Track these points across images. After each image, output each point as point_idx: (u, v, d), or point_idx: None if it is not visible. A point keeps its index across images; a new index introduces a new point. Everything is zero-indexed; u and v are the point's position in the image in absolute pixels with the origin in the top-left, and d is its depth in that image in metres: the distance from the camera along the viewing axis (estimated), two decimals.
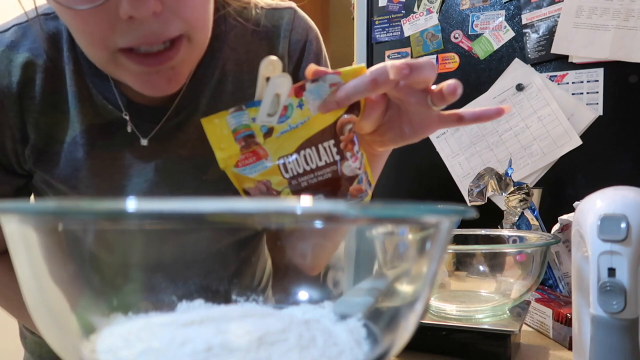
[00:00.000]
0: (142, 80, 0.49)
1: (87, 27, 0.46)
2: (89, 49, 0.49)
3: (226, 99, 0.61)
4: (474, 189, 1.10)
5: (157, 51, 0.47)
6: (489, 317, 0.69)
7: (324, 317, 0.33)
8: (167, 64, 0.48)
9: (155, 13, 0.44)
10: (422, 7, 1.46)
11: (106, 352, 0.27)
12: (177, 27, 0.47)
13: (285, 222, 0.29)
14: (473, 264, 0.74)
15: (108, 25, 0.45)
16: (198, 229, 0.30)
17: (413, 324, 0.30)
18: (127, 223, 0.27)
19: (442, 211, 0.27)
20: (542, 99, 1.31)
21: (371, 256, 0.34)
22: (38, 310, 0.28)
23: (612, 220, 0.45)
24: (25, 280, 0.28)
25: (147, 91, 0.50)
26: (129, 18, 0.44)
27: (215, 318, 0.30)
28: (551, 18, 1.29)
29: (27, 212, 0.26)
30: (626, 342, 0.44)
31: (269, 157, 0.47)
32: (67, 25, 0.50)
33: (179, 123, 0.59)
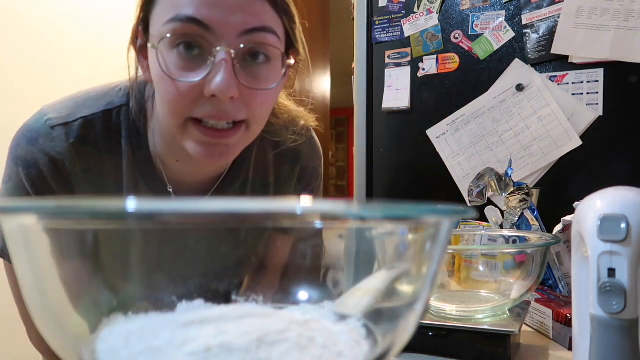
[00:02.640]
0: (202, 148, 0.58)
1: (175, 97, 0.56)
2: (167, 114, 0.58)
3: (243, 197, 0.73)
4: (474, 189, 1.10)
5: (221, 128, 0.57)
6: (489, 317, 0.69)
7: (323, 317, 0.33)
8: (225, 140, 0.58)
9: (232, 98, 0.55)
10: (422, 7, 1.46)
11: (106, 352, 0.27)
12: (243, 114, 0.58)
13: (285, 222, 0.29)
14: (473, 264, 0.74)
15: (192, 98, 0.55)
16: (198, 229, 0.30)
17: (413, 324, 0.30)
18: (127, 223, 0.27)
19: (442, 211, 0.27)
20: (542, 99, 1.31)
21: (371, 256, 0.34)
22: (38, 311, 0.28)
23: (612, 220, 0.45)
24: (26, 280, 0.28)
25: (202, 158, 0.59)
26: (211, 96, 0.55)
27: (215, 318, 0.30)
28: (551, 18, 1.29)
29: (27, 212, 0.26)
30: (626, 342, 0.44)
31: None
32: (159, 94, 0.59)
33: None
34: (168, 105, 0.57)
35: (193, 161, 0.65)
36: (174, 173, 0.69)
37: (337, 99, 3.67)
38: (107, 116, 0.66)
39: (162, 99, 0.58)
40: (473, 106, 1.39)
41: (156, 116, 0.66)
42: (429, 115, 1.45)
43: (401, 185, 1.51)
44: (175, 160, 0.68)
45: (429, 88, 1.46)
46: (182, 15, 0.53)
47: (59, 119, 0.64)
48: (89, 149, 0.64)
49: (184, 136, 0.59)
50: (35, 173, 0.62)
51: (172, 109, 0.57)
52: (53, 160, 0.63)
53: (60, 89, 1.89)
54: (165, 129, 0.65)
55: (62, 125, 0.64)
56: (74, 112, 0.65)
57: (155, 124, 0.67)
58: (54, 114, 0.64)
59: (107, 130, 0.65)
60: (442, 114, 1.44)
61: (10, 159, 0.64)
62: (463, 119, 1.41)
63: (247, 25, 0.55)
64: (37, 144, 0.63)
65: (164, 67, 0.55)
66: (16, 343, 1.49)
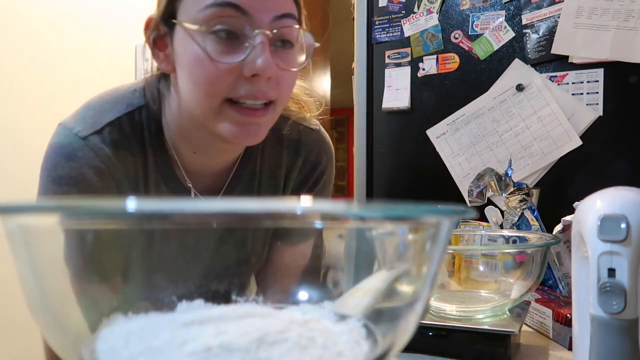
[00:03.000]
0: (237, 128, 0.61)
1: (217, 79, 0.58)
2: (203, 97, 0.59)
3: (254, 194, 0.75)
4: (474, 189, 1.10)
5: (255, 108, 0.60)
6: (489, 317, 0.69)
7: (323, 317, 0.33)
8: (258, 119, 0.61)
9: (269, 78, 0.59)
10: (422, 7, 1.46)
11: (106, 352, 0.27)
12: (274, 94, 0.61)
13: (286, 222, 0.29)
14: (473, 264, 0.74)
15: (233, 78, 0.58)
16: (198, 229, 0.30)
17: (413, 324, 0.30)
18: (127, 223, 0.27)
19: (442, 211, 0.27)
20: (542, 99, 1.31)
21: (371, 256, 0.34)
22: (38, 310, 0.28)
23: (612, 220, 0.45)
24: (26, 280, 0.28)
25: (237, 138, 0.62)
26: (251, 76, 0.58)
27: (215, 318, 0.30)
28: (551, 18, 1.29)
29: (27, 212, 0.26)
30: (626, 342, 0.44)
31: None
32: (191, 78, 0.59)
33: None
34: (206, 87, 0.59)
35: (210, 151, 0.68)
36: (190, 166, 0.70)
37: (337, 99, 3.66)
38: (131, 117, 0.66)
39: (199, 82, 0.59)
40: (473, 106, 1.39)
41: (174, 107, 0.66)
42: (429, 115, 1.45)
43: (401, 185, 1.51)
44: (192, 152, 0.68)
45: (429, 88, 1.46)
46: (221, 0, 0.56)
47: (88, 129, 0.63)
48: (123, 153, 0.64)
49: (218, 118, 0.60)
50: (83, 188, 0.61)
51: (210, 90, 0.59)
52: (98, 170, 0.62)
53: (60, 89, 1.89)
54: (186, 117, 0.65)
55: (94, 134, 0.63)
56: (99, 120, 0.64)
57: (170, 118, 0.67)
58: (79, 125, 0.64)
59: (134, 132, 0.65)
60: (442, 114, 1.44)
61: (50, 181, 0.62)
62: (463, 119, 1.41)
63: (279, 11, 0.58)
64: (77, 157, 0.62)
65: (204, 50, 0.57)
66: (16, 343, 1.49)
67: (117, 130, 0.64)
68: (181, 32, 0.59)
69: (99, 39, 1.82)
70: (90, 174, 0.62)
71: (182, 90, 0.62)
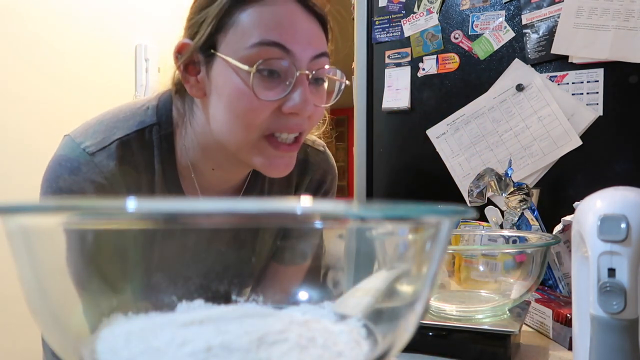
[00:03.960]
0: (271, 161, 0.64)
1: (256, 113, 0.60)
2: (243, 131, 0.62)
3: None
4: (474, 189, 1.10)
5: (288, 142, 0.64)
6: (489, 317, 0.69)
7: (323, 317, 0.33)
8: (291, 153, 0.65)
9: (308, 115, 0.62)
10: (422, 7, 1.46)
11: (106, 352, 0.27)
12: (306, 127, 0.65)
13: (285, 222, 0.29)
14: (473, 264, 0.74)
15: (272, 114, 0.61)
16: (198, 229, 0.30)
17: (413, 324, 0.30)
18: (127, 223, 0.27)
19: (442, 211, 0.27)
20: (542, 99, 1.31)
21: (371, 256, 0.34)
22: (38, 310, 0.28)
23: (612, 220, 0.45)
24: (26, 280, 0.28)
25: (271, 172, 0.65)
26: (290, 113, 0.61)
27: (215, 318, 0.30)
28: (551, 18, 1.29)
29: (27, 212, 0.26)
30: (626, 342, 0.44)
31: None
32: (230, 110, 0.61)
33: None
34: (246, 120, 0.61)
35: (230, 168, 0.70)
36: (205, 182, 0.71)
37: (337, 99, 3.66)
38: (141, 135, 0.66)
39: (239, 115, 0.61)
40: (473, 106, 1.39)
41: (199, 126, 0.67)
42: (429, 115, 1.45)
43: (401, 185, 1.51)
44: (212, 169, 0.70)
45: (429, 88, 1.46)
46: (268, 40, 0.59)
47: (96, 145, 0.64)
48: (128, 170, 0.65)
49: (253, 151, 0.63)
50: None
51: (249, 124, 0.61)
52: (100, 186, 0.63)
53: (60, 89, 1.89)
54: (212, 139, 0.66)
55: (101, 150, 0.64)
56: (108, 136, 0.65)
57: (192, 136, 0.68)
58: (88, 140, 0.64)
59: (142, 150, 0.66)
60: (442, 114, 1.44)
61: (50, 192, 0.63)
62: (463, 119, 1.41)
63: (316, 51, 0.62)
64: (81, 172, 0.62)
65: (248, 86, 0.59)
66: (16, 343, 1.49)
67: (125, 147, 0.65)
68: (222, 64, 0.61)
69: (99, 39, 1.82)
70: (90, 190, 0.62)
71: (216, 118, 0.64)
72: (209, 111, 0.64)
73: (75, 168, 0.62)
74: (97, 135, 0.65)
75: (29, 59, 1.66)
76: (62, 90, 1.69)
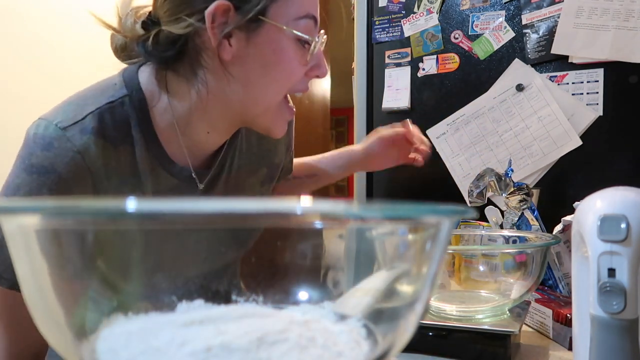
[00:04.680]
0: (283, 122, 0.73)
1: (294, 77, 0.69)
2: (276, 91, 0.69)
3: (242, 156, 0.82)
4: (474, 189, 1.10)
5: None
6: (489, 317, 0.69)
7: (323, 317, 0.33)
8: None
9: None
10: (422, 8, 1.46)
11: (106, 352, 0.27)
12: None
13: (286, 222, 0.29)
14: (473, 264, 0.74)
15: (298, 79, 0.69)
16: (198, 229, 0.30)
17: (413, 324, 0.30)
18: (127, 223, 0.27)
19: (442, 211, 0.27)
20: (542, 99, 1.31)
21: (371, 256, 0.34)
22: (38, 310, 0.28)
23: (612, 220, 0.45)
24: (25, 280, 0.28)
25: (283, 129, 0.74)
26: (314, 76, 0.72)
27: (215, 318, 0.30)
28: (551, 18, 1.29)
29: (27, 212, 0.26)
30: (626, 342, 0.44)
31: None
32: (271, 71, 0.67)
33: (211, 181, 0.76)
34: (283, 82, 0.68)
35: (224, 130, 0.74)
36: (196, 145, 0.73)
37: (337, 99, 3.66)
38: (113, 108, 0.66)
39: (280, 79, 0.68)
40: (473, 106, 1.39)
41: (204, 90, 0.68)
42: (429, 115, 1.45)
43: (401, 185, 1.51)
44: (207, 132, 0.72)
45: (429, 88, 1.46)
46: (311, 14, 0.68)
47: (69, 120, 0.64)
48: (105, 143, 0.64)
49: (275, 114, 0.71)
50: (52, 178, 0.61)
51: (284, 86, 0.69)
52: (72, 160, 0.62)
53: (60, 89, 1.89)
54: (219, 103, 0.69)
55: (73, 125, 0.63)
56: (80, 112, 0.65)
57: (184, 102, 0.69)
58: (60, 117, 0.64)
59: (117, 122, 0.66)
60: (442, 114, 1.44)
61: (22, 169, 0.62)
62: (463, 119, 1.41)
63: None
64: (53, 148, 0.62)
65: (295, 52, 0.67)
66: None
67: (99, 120, 0.65)
68: (271, 31, 0.65)
69: (99, 39, 1.82)
70: (62, 164, 0.62)
71: (251, 82, 0.67)
72: (239, 74, 0.66)
73: (48, 144, 0.62)
74: (69, 112, 0.65)
75: (29, 59, 1.66)
76: (63, 90, 1.69)
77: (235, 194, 0.81)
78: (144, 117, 0.68)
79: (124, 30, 0.70)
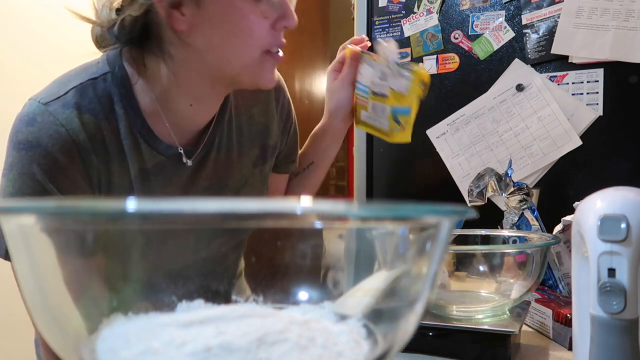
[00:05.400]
0: (271, 72, 0.70)
1: (259, 32, 0.65)
2: (245, 49, 0.66)
3: (233, 135, 0.80)
4: (473, 189, 1.10)
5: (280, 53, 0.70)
6: (489, 317, 0.69)
7: (323, 317, 0.33)
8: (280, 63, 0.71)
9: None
10: (422, 8, 1.46)
11: (106, 352, 0.27)
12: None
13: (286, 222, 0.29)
14: (473, 264, 0.74)
15: (267, 32, 0.66)
16: (198, 229, 0.30)
17: (413, 324, 0.30)
18: (127, 223, 0.27)
19: (442, 211, 0.27)
20: (542, 99, 1.31)
21: (371, 256, 0.34)
22: (38, 310, 0.28)
23: (612, 220, 0.45)
24: (25, 280, 0.28)
25: (271, 81, 0.71)
26: (283, 27, 0.67)
27: (215, 318, 0.30)
28: (551, 18, 1.29)
29: (27, 212, 0.26)
30: (626, 342, 0.44)
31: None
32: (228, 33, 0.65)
33: (200, 159, 0.76)
34: (248, 39, 0.65)
35: (208, 101, 0.73)
36: (176, 119, 0.72)
37: None
38: (95, 84, 0.67)
39: (242, 35, 0.65)
40: (473, 106, 1.39)
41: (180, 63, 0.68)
42: (429, 115, 1.45)
43: (401, 185, 1.51)
44: (189, 105, 0.71)
45: (429, 88, 1.46)
46: None
47: (51, 96, 0.65)
48: (88, 117, 0.65)
49: (258, 68, 0.68)
50: (39, 152, 0.62)
51: (252, 42, 0.66)
52: (56, 133, 0.63)
53: None
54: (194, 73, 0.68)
55: (55, 100, 0.65)
56: (62, 88, 0.66)
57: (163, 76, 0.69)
58: (43, 94, 0.66)
59: (99, 97, 0.67)
60: (442, 114, 1.44)
61: (11, 147, 0.64)
62: (463, 119, 1.41)
63: None
64: (36, 122, 0.63)
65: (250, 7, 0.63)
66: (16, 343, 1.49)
67: (81, 94, 0.66)
68: None
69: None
70: (47, 138, 0.62)
71: (215, 46, 0.66)
72: (202, 41, 0.65)
73: (31, 119, 0.63)
74: (52, 89, 0.66)
75: (28, 59, 1.66)
76: None
77: (225, 174, 0.80)
78: (127, 93, 0.68)
79: (101, 20, 0.70)
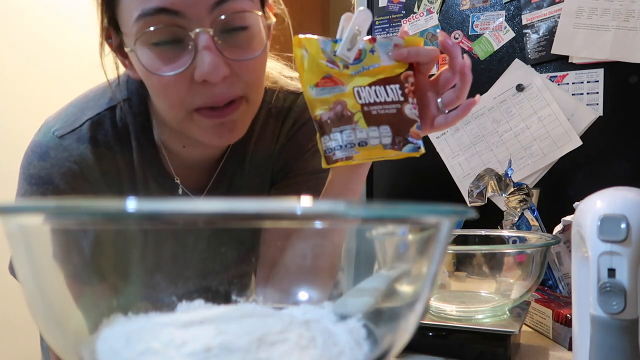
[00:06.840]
0: (211, 131, 0.57)
1: (169, 91, 0.55)
2: (169, 110, 0.57)
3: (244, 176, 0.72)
4: (473, 189, 1.10)
5: (223, 106, 0.56)
6: (489, 317, 0.69)
7: (323, 318, 0.33)
8: (230, 117, 0.57)
9: (224, 77, 0.53)
10: (423, 8, 1.46)
11: (106, 352, 0.27)
12: (240, 89, 0.56)
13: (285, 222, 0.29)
14: (473, 264, 0.74)
15: (186, 88, 0.54)
16: (198, 229, 0.30)
17: (413, 325, 0.30)
18: (127, 223, 0.27)
19: (442, 211, 0.27)
20: (542, 99, 1.31)
21: (371, 256, 0.34)
22: (38, 311, 0.28)
23: (612, 220, 0.45)
24: (26, 280, 0.28)
25: (215, 141, 0.59)
26: (203, 81, 0.53)
27: (215, 318, 0.30)
28: (551, 18, 1.29)
29: (27, 212, 0.26)
30: (626, 342, 0.44)
31: (345, 85, 0.55)
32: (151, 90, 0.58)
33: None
34: (164, 100, 0.57)
35: (199, 144, 0.64)
36: (179, 160, 0.68)
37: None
38: (112, 113, 0.64)
39: (156, 95, 0.57)
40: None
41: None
42: None
43: (401, 185, 1.51)
44: (182, 146, 0.67)
45: None
46: (149, 8, 0.50)
47: (66, 128, 0.63)
48: (103, 151, 0.63)
49: (190, 126, 0.58)
50: (51, 189, 0.61)
51: (170, 103, 0.56)
52: (69, 171, 0.61)
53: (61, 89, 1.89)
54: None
55: (70, 133, 0.62)
56: (78, 117, 0.63)
57: (159, 114, 0.65)
58: (58, 124, 0.63)
59: (116, 128, 0.64)
60: None
61: (23, 178, 0.62)
62: (463, 119, 1.41)
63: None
64: (49, 157, 0.61)
65: (148, 65, 0.53)
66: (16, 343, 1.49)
67: (97, 126, 0.63)
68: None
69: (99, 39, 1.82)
70: (59, 175, 0.61)
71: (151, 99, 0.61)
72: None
73: (44, 153, 0.61)
74: (69, 117, 0.63)
75: (28, 59, 1.66)
76: (62, 90, 1.69)
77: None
78: (143, 121, 0.65)
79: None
